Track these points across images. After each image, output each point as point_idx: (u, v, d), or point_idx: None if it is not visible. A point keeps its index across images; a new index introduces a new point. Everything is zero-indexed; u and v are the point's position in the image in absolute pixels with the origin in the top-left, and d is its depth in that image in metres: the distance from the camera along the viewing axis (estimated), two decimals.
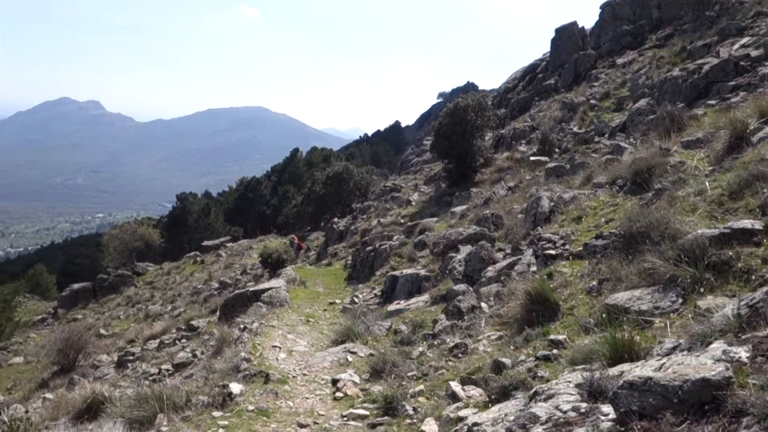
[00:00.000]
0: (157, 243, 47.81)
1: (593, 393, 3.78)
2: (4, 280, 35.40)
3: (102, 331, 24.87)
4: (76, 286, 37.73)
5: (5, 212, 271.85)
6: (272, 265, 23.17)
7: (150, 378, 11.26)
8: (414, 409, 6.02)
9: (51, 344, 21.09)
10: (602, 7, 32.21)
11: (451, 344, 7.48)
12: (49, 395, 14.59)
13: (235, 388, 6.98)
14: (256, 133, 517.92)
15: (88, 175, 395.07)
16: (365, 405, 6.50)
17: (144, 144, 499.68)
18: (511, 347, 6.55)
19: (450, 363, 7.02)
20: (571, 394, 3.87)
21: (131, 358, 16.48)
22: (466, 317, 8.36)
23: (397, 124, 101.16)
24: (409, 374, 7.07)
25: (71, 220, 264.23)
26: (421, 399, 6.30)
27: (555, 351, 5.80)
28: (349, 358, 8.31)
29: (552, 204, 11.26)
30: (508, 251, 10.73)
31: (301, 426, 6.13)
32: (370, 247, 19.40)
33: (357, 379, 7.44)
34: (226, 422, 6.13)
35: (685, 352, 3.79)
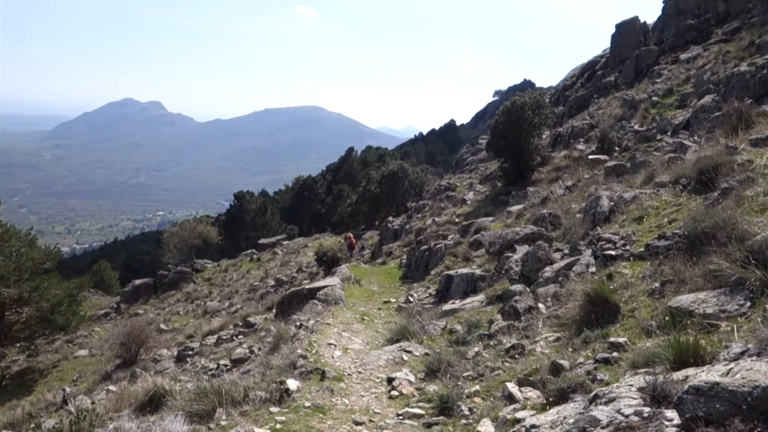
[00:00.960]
0: (215, 240, 48.70)
1: (656, 397, 3.68)
2: (70, 275, 36.53)
3: (162, 326, 25.46)
4: (137, 281, 38.76)
5: (71, 210, 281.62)
6: (327, 263, 23.37)
7: (209, 373, 11.46)
8: (470, 409, 5.97)
9: (114, 338, 21.71)
10: (665, 1, 31.39)
11: (508, 345, 7.39)
12: (112, 387, 15.01)
13: (292, 384, 7.05)
14: (312, 132, 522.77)
15: (150, 173, 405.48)
16: (420, 404, 6.47)
17: (203, 143, 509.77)
18: (570, 349, 6.44)
19: (506, 364, 6.94)
20: (633, 398, 3.77)
21: (190, 353, 16.82)
22: (522, 318, 8.25)
23: (452, 123, 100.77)
24: (465, 374, 7.01)
25: (133, 218, 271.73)
26: (476, 399, 6.24)
27: (615, 354, 5.67)
28: (405, 357, 8.30)
29: (612, 203, 11.02)
30: (566, 251, 10.55)
31: (357, 424, 6.15)
32: (424, 246, 19.36)
33: (412, 378, 7.43)
34: (283, 418, 6.19)
35: (754, 358, 3.65)
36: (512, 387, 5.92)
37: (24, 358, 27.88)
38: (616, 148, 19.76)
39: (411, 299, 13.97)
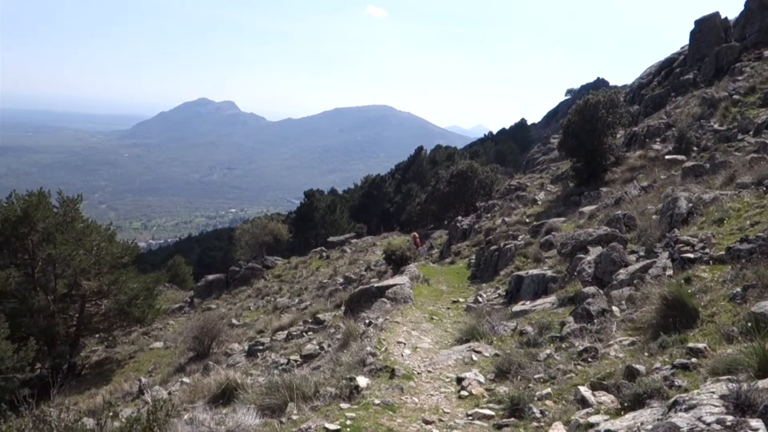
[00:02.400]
0: (285, 238, 49.44)
1: (740, 406, 3.55)
2: (147, 269, 37.78)
3: (234, 320, 26.00)
4: (210, 277, 39.71)
5: (148, 206, 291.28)
6: (396, 262, 23.42)
7: (279, 368, 11.65)
8: (541, 412, 5.89)
9: (188, 331, 22.29)
10: None
11: (580, 348, 7.26)
12: (186, 379, 15.44)
13: (362, 381, 7.11)
14: (381, 131, 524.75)
15: (223, 171, 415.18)
16: (491, 405, 6.42)
17: (274, 142, 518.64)
18: (645, 353, 6.28)
19: (579, 367, 6.82)
20: (715, 406, 3.65)
21: (261, 347, 17.11)
22: (596, 321, 8.08)
23: (522, 122, 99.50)
24: (536, 376, 6.92)
25: (206, 215, 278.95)
26: (548, 402, 6.15)
27: (694, 360, 5.50)
28: (474, 358, 8.25)
29: (690, 205, 10.67)
30: (642, 253, 10.27)
31: (427, 422, 6.15)
32: (494, 246, 19.19)
33: (482, 378, 7.38)
34: (353, 414, 6.24)
35: None
36: (585, 391, 5.81)
37: (102, 349, 29.01)
38: (695, 148, 19.11)
39: (480, 299, 13.87)
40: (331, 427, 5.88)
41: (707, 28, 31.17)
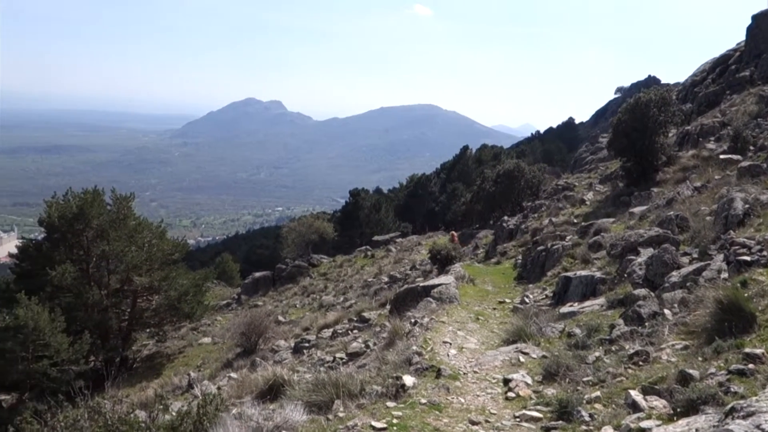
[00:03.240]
0: (330, 236, 49.73)
1: None
2: (195, 266, 38.44)
3: (280, 318, 26.24)
4: (257, 274, 40.18)
5: (197, 204, 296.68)
6: (441, 261, 23.35)
7: (325, 365, 11.72)
8: (590, 415, 5.79)
9: (235, 328, 22.58)
10: None
11: (631, 351, 7.10)
12: (233, 374, 15.65)
13: (408, 380, 7.10)
14: (427, 130, 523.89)
15: (270, 170, 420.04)
16: (538, 407, 6.34)
17: (320, 141, 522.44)
18: (699, 358, 6.11)
19: (629, 371, 6.68)
20: None
21: (307, 345, 17.24)
22: (647, 324, 7.90)
23: (570, 121, 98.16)
24: (585, 379, 6.80)
25: (254, 213, 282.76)
26: (597, 406, 6.04)
27: (751, 365, 5.33)
28: (521, 359, 8.16)
29: (747, 206, 10.37)
30: (695, 256, 10.02)
31: (473, 423, 6.11)
32: (541, 247, 18.97)
33: (529, 380, 7.29)
34: (399, 413, 6.24)
35: None
36: (636, 395, 5.68)
37: (153, 343, 29.65)
38: (751, 148, 18.54)
39: (526, 300, 13.72)
40: (378, 425, 5.88)
41: (765, 23, 30.22)
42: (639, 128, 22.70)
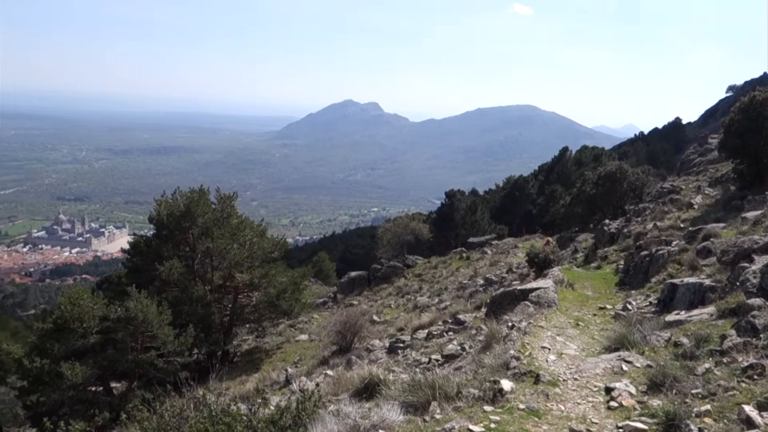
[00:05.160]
0: (426, 237, 49.72)
1: None
2: (293, 264, 39.36)
3: (375, 317, 26.46)
4: (353, 273, 40.69)
5: (296, 204, 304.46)
6: (539, 265, 22.91)
7: (420, 366, 11.71)
8: (700, 429, 5.52)
9: (331, 326, 22.94)
10: None
11: (745, 364, 6.72)
12: (330, 372, 15.87)
13: (506, 384, 6.99)
14: (524, 131, 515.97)
15: (366, 171, 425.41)
16: (643, 418, 6.09)
17: (416, 142, 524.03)
18: None
19: (743, 384, 6.32)
20: None
21: (401, 345, 17.27)
22: (762, 335, 7.46)
23: (677, 121, 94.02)
24: (694, 391, 6.49)
25: (350, 213, 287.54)
26: (707, 420, 5.75)
27: None
28: (624, 367, 7.87)
29: None
30: None
31: (574, 431, 5.95)
32: (644, 252, 18.27)
33: (633, 390, 7.02)
34: (497, 417, 6.16)
35: None
36: (750, 410, 5.38)
37: (253, 339, 30.58)
38: None
39: (629, 307, 13.24)
40: (476, 429, 5.83)
41: None
42: (753, 128, 21.55)
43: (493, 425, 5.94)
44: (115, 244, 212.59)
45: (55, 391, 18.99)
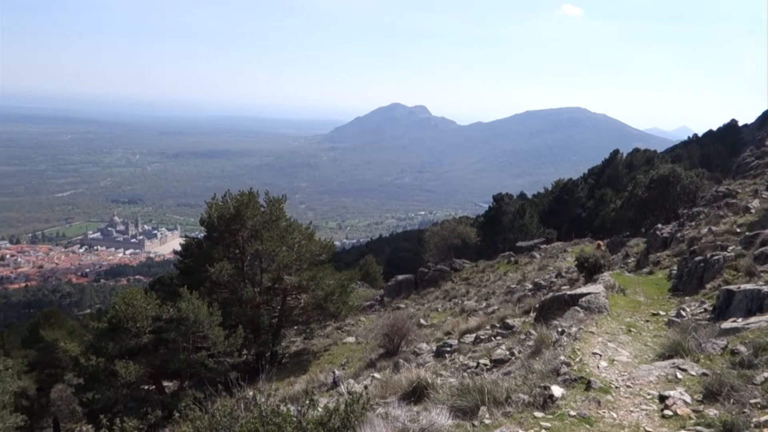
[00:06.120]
0: (473, 241, 49.48)
1: None
2: (341, 267, 39.58)
3: (422, 321, 26.38)
4: (400, 277, 40.72)
5: (343, 207, 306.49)
6: (588, 269, 22.57)
7: (468, 371, 11.65)
8: None
9: (378, 329, 22.95)
10: None
11: None
12: (377, 375, 15.89)
13: (557, 391, 6.91)
14: (573, 134, 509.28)
15: (414, 174, 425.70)
16: (699, 428, 5.94)
17: (464, 146, 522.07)
18: None
19: None
20: None
21: (449, 349, 17.18)
22: None
23: (732, 123, 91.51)
24: (752, 401, 6.30)
25: (396, 216, 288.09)
26: (766, 431, 5.59)
27: None
28: (679, 375, 7.69)
29: None
30: None
31: None
32: (699, 257, 17.82)
33: (688, 398, 6.86)
34: (548, 424, 6.09)
35: None
36: None
37: (300, 340, 30.84)
38: None
39: (683, 313, 12.93)
40: None
41: None
42: None
43: (543, 431, 5.88)
44: (167, 245, 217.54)
45: (109, 389, 19.48)
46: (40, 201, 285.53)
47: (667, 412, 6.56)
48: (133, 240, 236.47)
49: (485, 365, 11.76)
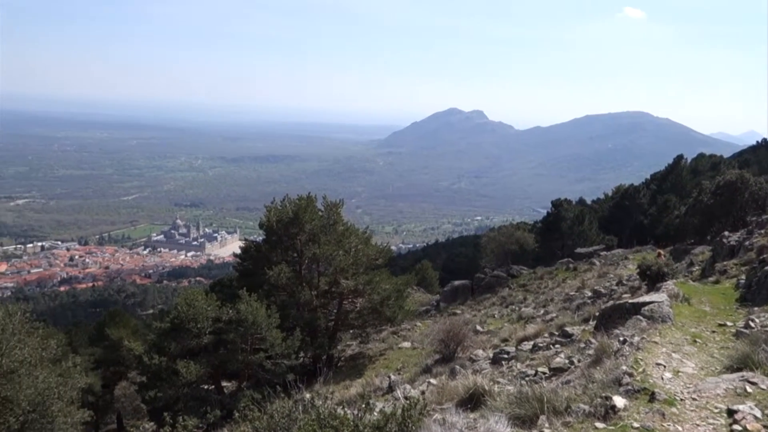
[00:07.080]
0: (531, 247, 48.90)
1: None
2: (397, 272, 39.62)
3: (478, 327, 26.16)
4: (456, 282, 40.56)
5: (400, 212, 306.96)
6: (651, 278, 21.98)
7: (526, 378, 11.48)
8: None
9: (434, 334, 22.84)
10: None
11: None
12: (433, 380, 15.81)
13: (619, 401, 6.73)
14: (635, 139, 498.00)
15: (470, 179, 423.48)
16: None
17: (522, 150, 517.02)
18: None
19: None
20: None
21: (506, 356, 16.97)
22: None
23: None
24: None
25: (453, 221, 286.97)
26: None
27: None
28: (748, 389, 7.40)
29: None
30: None
31: None
32: None
33: (758, 413, 6.58)
34: None
35: None
36: None
37: (356, 344, 30.98)
38: None
39: (752, 324, 12.45)
40: None
41: None
42: None
43: None
44: (227, 248, 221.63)
45: (171, 388, 19.96)
46: (107, 204, 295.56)
47: (735, 426, 6.31)
48: (195, 242, 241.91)
49: (543, 374, 11.57)
